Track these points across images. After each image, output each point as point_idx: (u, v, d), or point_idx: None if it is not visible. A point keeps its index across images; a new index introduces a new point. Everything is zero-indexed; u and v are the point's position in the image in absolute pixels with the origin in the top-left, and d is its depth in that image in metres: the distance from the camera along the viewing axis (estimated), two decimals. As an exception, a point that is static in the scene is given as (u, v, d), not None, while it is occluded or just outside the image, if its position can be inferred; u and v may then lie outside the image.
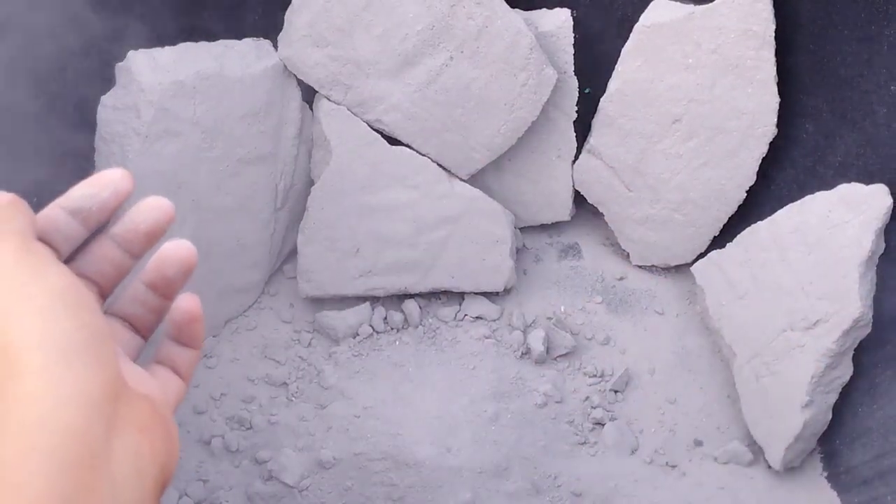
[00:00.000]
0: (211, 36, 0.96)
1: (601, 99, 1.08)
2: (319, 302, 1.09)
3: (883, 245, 0.92)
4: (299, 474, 0.95)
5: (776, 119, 1.01)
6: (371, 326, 1.08)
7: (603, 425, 1.02)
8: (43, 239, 0.30)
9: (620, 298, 1.14)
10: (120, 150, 0.88)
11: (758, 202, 1.06)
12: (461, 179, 1.08)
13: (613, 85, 1.06)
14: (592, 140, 1.10)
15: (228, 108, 0.95)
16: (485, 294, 1.12)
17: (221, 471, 0.94)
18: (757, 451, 0.99)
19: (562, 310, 1.12)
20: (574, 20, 1.05)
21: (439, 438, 0.96)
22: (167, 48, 0.91)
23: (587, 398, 1.04)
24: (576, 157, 1.13)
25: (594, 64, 1.09)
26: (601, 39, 1.09)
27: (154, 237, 0.33)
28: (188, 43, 0.94)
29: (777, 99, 1.01)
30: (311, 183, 1.08)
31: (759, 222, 0.99)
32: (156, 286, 0.33)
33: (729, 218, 1.08)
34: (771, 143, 1.03)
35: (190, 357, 0.34)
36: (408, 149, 1.05)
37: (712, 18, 0.99)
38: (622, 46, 1.04)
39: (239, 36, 0.99)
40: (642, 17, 1.03)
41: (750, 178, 1.05)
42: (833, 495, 0.96)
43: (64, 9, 0.85)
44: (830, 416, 0.94)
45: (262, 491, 0.93)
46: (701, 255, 1.08)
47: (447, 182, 1.06)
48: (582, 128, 1.11)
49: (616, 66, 1.06)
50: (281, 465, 0.94)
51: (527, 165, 1.13)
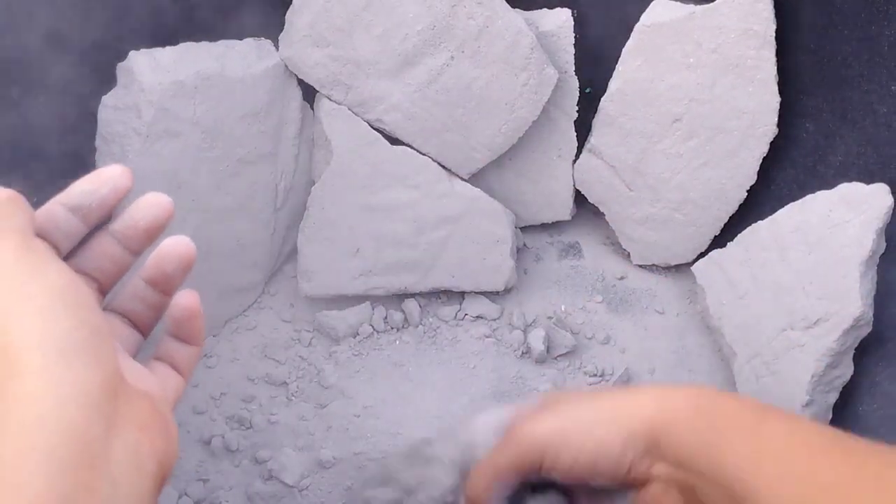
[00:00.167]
0: (212, 36, 0.96)
1: (602, 98, 1.08)
2: (319, 302, 1.09)
3: (884, 244, 0.92)
4: (299, 474, 0.95)
5: (777, 119, 1.01)
6: (371, 326, 1.08)
7: (603, 425, 1.01)
8: (42, 235, 0.31)
9: (621, 298, 1.14)
10: (120, 150, 0.88)
11: (758, 202, 1.06)
12: (462, 179, 1.08)
13: (614, 84, 1.06)
14: (593, 140, 1.10)
15: (229, 108, 0.95)
16: (485, 293, 1.12)
17: (221, 470, 0.94)
18: (757, 451, 0.99)
19: (562, 309, 1.12)
20: (574, 20, 1.05)
21: (439, 438, 0.96)
22: (168, 48, 0.91)
23: (587, 398, 1.04)
24: (576, 157, 1.13)
25: (595, 64, 1.09)
26: (602, 39, 1.09)
27: (153, 233, 0.33)
28: (189, 43, 0.94)
29: (777, 98, 1.01)
30: (312, 183, 1.08)
31: (760, 222, 0.99)
32: (155, 282, 0.34)
33: (729, 217, 1.08)
34: (771, 143, 1.03)
35: (189, 353, 0.35)
36: (408, 148, 1.05)
37: (713, 18, 0.99)
38: (622, 46, 1.04)
39: (240, 36, 0.99)
40: (643, 17, 1.03)
41: (750, 178, 1.05)
42: (834, 495, 0.96)
43: (64, 8, 0.85)
44: (831, 416, 0.94)
45: (262, 490, 0.93)
46: (701, 255, 1.08)
47: (448, 182, 1.06)
48: (582, 127, 1.11)
49: (616, 66, 1.06)
50: (281, 465, 0.94)
51: (527, 165, 1.13)
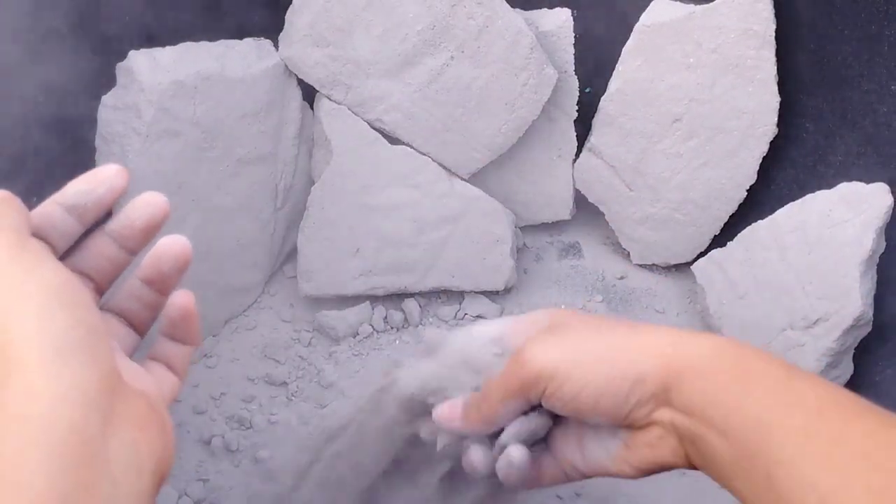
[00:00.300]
0: (212, 36, 0.96)
1: (602, 98, 1.08)
2: (319, 301, 1.09)
3: (884, 244, 0.92)
4: (299, 474, 0.95)
5: (777, 119, 1.01)
6: (371, 326, 1.08)
7: (603, 425, 1.01)
8: (38, 235, 0.31)
9: (621, 297, 1.14)
10: (120, 150, 0.88)
11: (758, 201, 1.06)
12: (462, 179, 1.08)
13: (614, 84, 1.06)
14: (593, 139, 1.10)
15: (229, 108, 0.95)
16: (485, 293, 1.12)
17: (221, 470, 0.94)
18: (757, 451, 0.99)
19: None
20: (574, 20, 1.05)
21: (439, 438, 0.96)
22: (168, 48, 0.91)
23: (587, 398, 1.04)
24: (576, 157, 1.13)
25: (594, 64, 1.09)
26: (601, 39, 1.09)
27: (150, 233, 0.33)
28: (189, 43, 0.94)
29: (777, 98, 1.01)
30: (312, 183, 1.08)
31: (760, 221, 0.99)
32: (152, 281, 0.34)
33: (729, 217, 1.08)
34: (771, 143, 1.03)
35: (185, 353, 0.35)
36: (408, 148, 1.05)
37: (713, 18, 0.99)
38: (622, 46, 1.04)
39: (240, 36, 0.99)
40: (642, 17, 1.03)
41: (750, 178, 1.05)
42: (834, 495, 0.96)
43: (64, 8, 0.85)
44: (831, 416, 0.94)
45: (262, 490, 0.93)
46: (701, 254, 1.08)
47: (447, 181, 1.06)
48: (582, 127, 1.11)
49: (616, 66, 1.06)
50: (281, 465, 0.94)
51: (527, 165, 1.13)
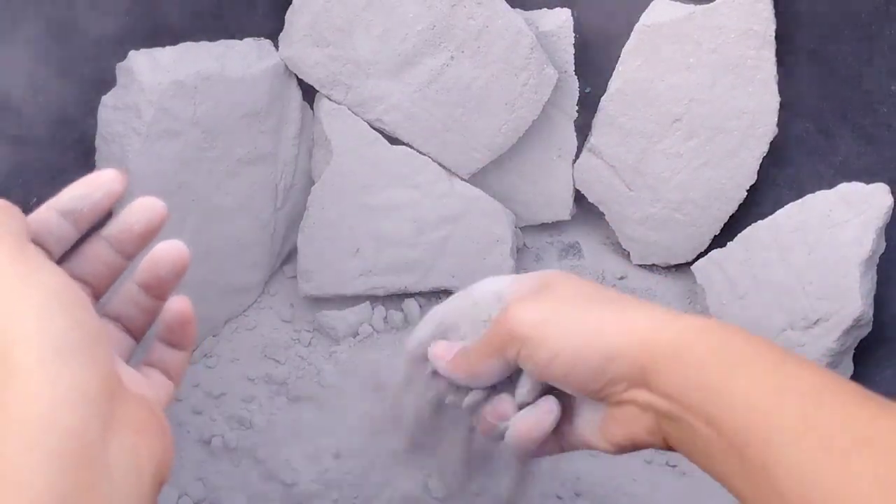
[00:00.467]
0: (212, 36, 0.96)
1: (602, 98, 1.08)
2: (319, 301, 1.09)
3: (884, 244, 0.92)
4: (299, 473, 0.95)
5: (777, 119, 1.01)
6: (371, 326, 1.08)
7: (603, 425, 1.01)
8: (35, 241, 0.31)
9: (621, 298, 1.14)
10: (120, 150, 0.88)
11: (758, 201, 1.06)
12: (462, 179, 1.08)
13: (614, 84, 1.06)
14: (593, 139, 1.10)
15: (229, 108, 0.95)
16: (485, 293, 1.12)
17: (221, 470, 0.94)
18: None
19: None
20: (574, 20, 1.05)
21: (439, 438, 0.96)
22: (168, 48, 0.91)
23: (587, 398, 1.04)
24: (576, 157, 1.13)
25: (594, 64, 1.09)
26: (601, 39, 1.09)
27: (147, 237, 0.33)
28: (189, 43, 0.94)
29: (777, 98, 1.01)
30: (312, 183, 1.08)
31: (760, 221, 0.99)
32: (148, 286, 0.34)
33: (729, 217, 1.08)
34: (771, 143, 1.03)
35: (181, 359, 0.35)
36: (408, 148, 1.05)
37: (712, 18, 0.99)
38: (622, 46, 1.04)
39: (240, 36, 0.99)
40: (642, 17, 1.03)
41: (750, 178, 1.05)
42: (833, 495, 0.96)
43: (65, 8, 0.85)
44: (831, 416, 0.94)
45: (262, 490, 0.93)
46: (701, 255, 1.08)
47: (447, 181, 1.06)
48: (583, 127, 1.11)
49: (616, 66, 1.06)
50: (281, 465, 0.95)
51: (527, 165, 1.13)
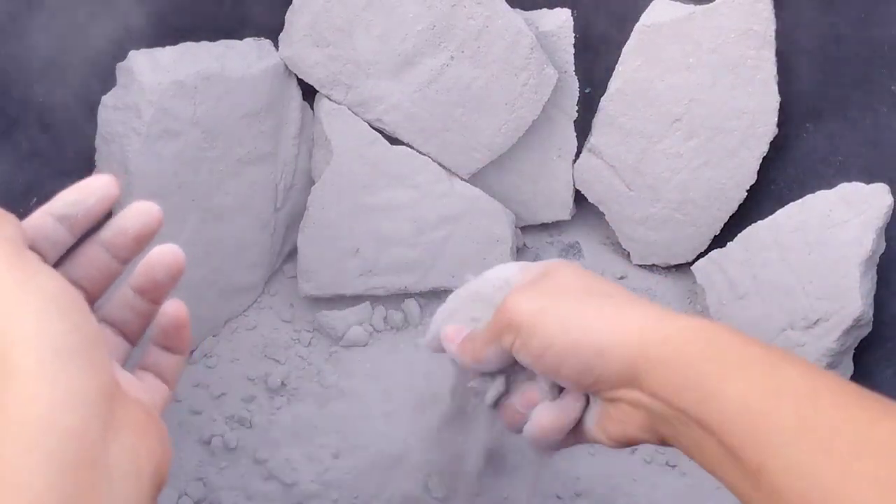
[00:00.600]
0: (212, 36, 0.96)
1: (602, 98, 1.08)
2: (319, 301, 1.09)
3: (884, 244, 0.92)
4: (299, 473, 0.95)
5: (777, 118, 1.01)
6: (371, 326, 1.08)
7: (603, 425, 1.01)
8: (31, 246, 0.31)
9: (621, 298, 1.13)
10: (120, 150, 0.89)
11: (758, 201, 1.06)
12: (462, 179, 1.08)
13: (614, 84, 1.06)
14: (593, 139, 1.10)
15: (229, 108, 0.95)
16: (485, 293, 1.12)
17: (221, 470, 0.94)
18: (757, 451, 0.98)
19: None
20: (574, 20, 1.05)
21: (439, 438, 0.96)
22: (168, 48, 0.91)
23: (587, 397, 1.04)
24: (576, 157, 1.13)
25: (594, 64, 1.09)
26: (601, 39, 1.08)
27: (143, 241, 0.33)
28: (189, 43, 0.94)
29: (778, 98, 1.00)
30: (312, 183, 1.08)
31: (760, 221, 0.98)
32: (144, 290, 0.34)
33: (729, 217, 1.08)
34: (771, 143, 1.03)
35: (176, 363, 0.35)
36: (408, 148, 1.05)
37: (713, 18, 0.99)
38: (622, 46, 1.04)
39: (240, 36, 0.99)
40: (642, 17, 1.02)
41: (750, 178, 1.05)
42: (833, 495, 0.96)
43: (64, 8, 0.85)
44: (830, 416, 0.94)
45: (262, 490, 0.93)
46: (701, 255, 1.08)
47: (447, 181, 1.06)
48: (582, 127, 1.11)
49: (616, 66, 1.05)
50: (281, 465, 0.95)
51: (527, 165, 1.13)
